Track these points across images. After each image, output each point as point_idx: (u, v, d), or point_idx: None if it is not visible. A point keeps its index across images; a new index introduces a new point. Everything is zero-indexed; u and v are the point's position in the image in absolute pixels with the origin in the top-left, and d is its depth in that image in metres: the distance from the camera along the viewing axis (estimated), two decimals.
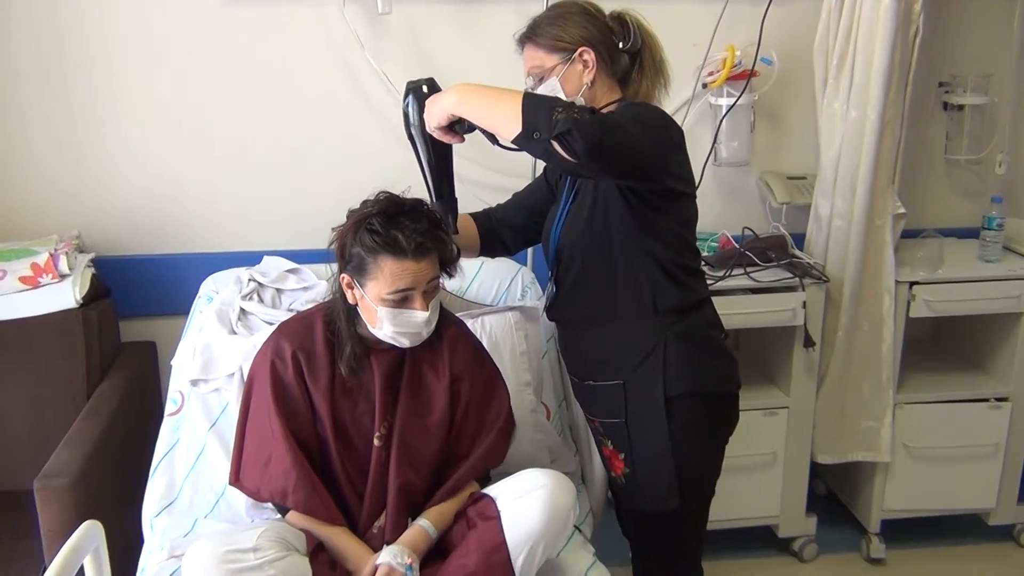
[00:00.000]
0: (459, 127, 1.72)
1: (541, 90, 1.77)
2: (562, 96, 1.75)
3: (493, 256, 2.14)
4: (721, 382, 1.85)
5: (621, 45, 1.79)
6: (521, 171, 2.56)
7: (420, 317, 1.71)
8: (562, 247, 1.84)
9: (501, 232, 2.04)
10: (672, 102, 2.50)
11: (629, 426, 1.80)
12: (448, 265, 1.79)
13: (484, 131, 1.69)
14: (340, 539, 1.74)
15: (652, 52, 1.83)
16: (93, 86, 2.46)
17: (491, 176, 2.60)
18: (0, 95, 2.44)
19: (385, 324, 1.71)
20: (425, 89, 1.77)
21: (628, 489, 1.86)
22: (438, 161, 1.81)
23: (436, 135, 1.74)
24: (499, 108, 1.61)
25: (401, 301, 1.69)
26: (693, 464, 1.82)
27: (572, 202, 1.84)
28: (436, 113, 1.70)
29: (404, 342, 1.75)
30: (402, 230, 1.67)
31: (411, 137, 1.81)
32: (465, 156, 2.57)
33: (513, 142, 1.59)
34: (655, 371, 1.76)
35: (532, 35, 1.81)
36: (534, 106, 1.56)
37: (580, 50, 1.75)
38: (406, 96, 1.78)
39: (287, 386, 1.78)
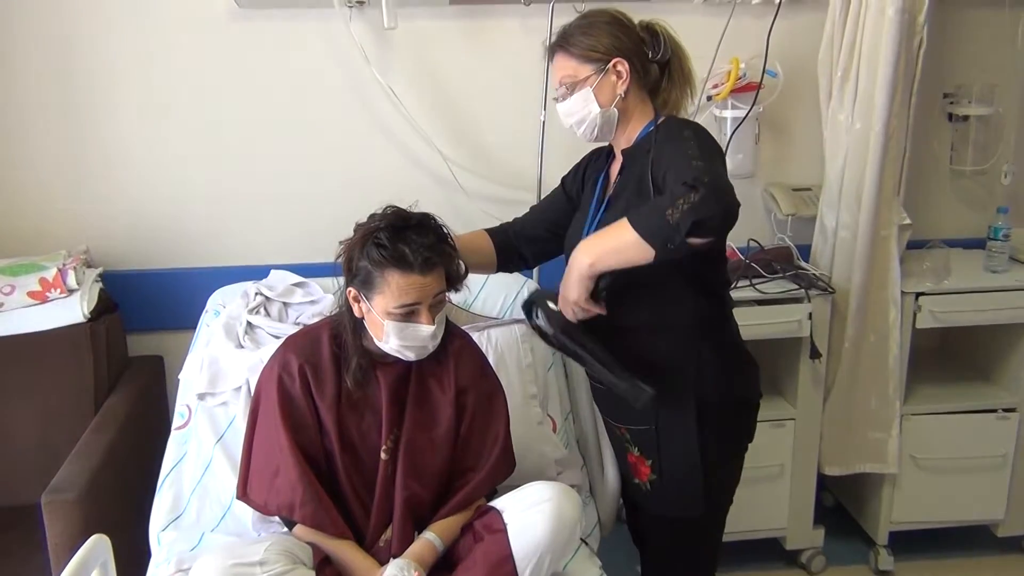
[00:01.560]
0: (598, 294, 1.68)
1: (573, 100, 1.78)
2: (595, 106, 1.76)
3: (511, 271, 2.14)
4: (749, 390, 1.88)
5: (651, 55, 1.80)
6: (527, 184, 2.57)
7: (426, 331, 1.71)
8: None
9: (520, 246, 2.02)
10: None
11: (659, 433, 1.81)
12: (455, 282, 1.79)
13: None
14: (347, 553, 1.74)
15: (681, 62, 1.84)
16: (100, 101, 2.48)
17: (496, 189, 2.62)
18: (9, 111, 2.46)
19: (391, 338, 1.71)
20: (538, 296, 1.77)
21: (653, 495, 1.87)
22: (598, 349, 1.75)
23: (582, 314, 1.69)
24: (624, 247, 1.58)
25: (407, 315, 1.69)
26: (720, 470, 1.85)
27: (604, 211, 1.84)
28: (578, 288, 1.65)
29: (410, 356, 1.75)
30: (409, 244, 1.67)
31: (559, 347, 1.78)
32: (467, 168, 2.60)
33: (657, 263, 1.56)
34: (688, 379, 1.78)
35: (564, 43, 1.79)
36: (647, 225, 1.54)
37: (614, 61, 1.75)
38: (531, 313, 1.76)
39: (294, 400, 1.78)
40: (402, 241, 1.67)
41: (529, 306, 1.79)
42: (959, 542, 2.79)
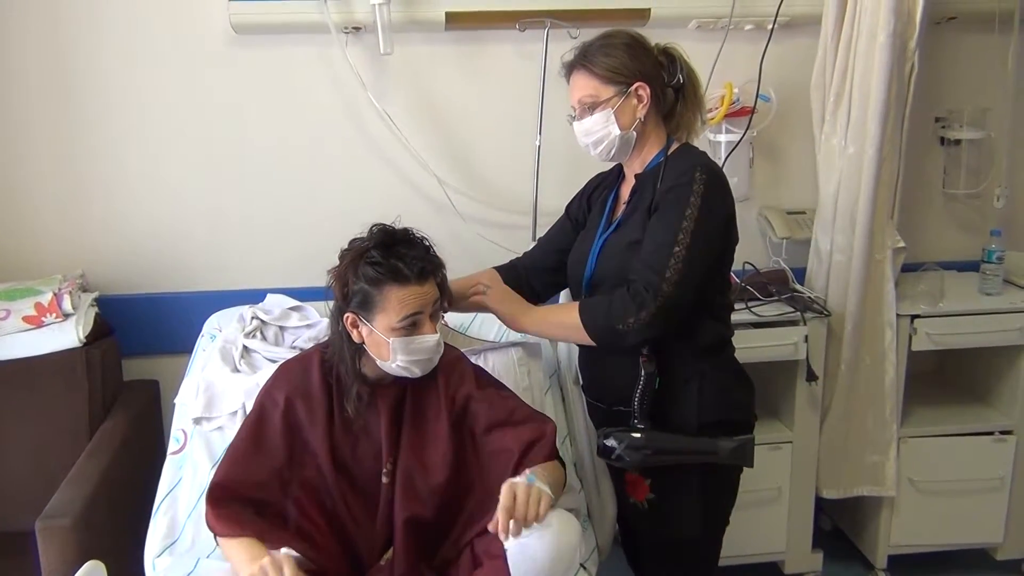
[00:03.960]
0: None
1: (592, 120, 1.79)
2: (615, 128, 1.77)
3: None
4: (747, 412, 1.89)
5: (668, 79, 1.81)
6: (522, 207, 2.58)
7: (431, 340, 1.71)
8: (600, 277, 1.84)
9: (530, 279, 2.03)
10: None
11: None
12: (445, 292, 1.78)
13: None
14: (240, 547, 1.66)
15: (695, 87, 1.86)
16: (97, 126, 2.49)
17: (491, 213, 2.62)
18: (5, 136, 2.47)
19: (398, 355, 1.70)
20: (613, 432, 1.81)
21: (650, 515, 1.87)
22: (676, 437, 1.80)
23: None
24: (569, 335, 1.85)
25: (411, 327, 1.69)
26: (717, 491, 1.85)
27: (613, 231, 1.85)
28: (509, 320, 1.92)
29: (416, 371, 1.74)
30: (401, 258, 1.68)
31: (648, 464, 1.80)
32: (463, 193, 2.61)
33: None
34: (690, 400, 1.79)
35: (586, 62, 1.79)
36: (596, 326, 1.75)
37: (636, 85, 1.77)
38: (610, 453, 1.80)
39: (265, 432, 1.76)
40: (394, 256, 1.68)
41: (610, 438, 1.80)
42: (958, 566, 2.78)
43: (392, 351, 1.70)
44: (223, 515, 1.69)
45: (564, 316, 1.82)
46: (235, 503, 1.71)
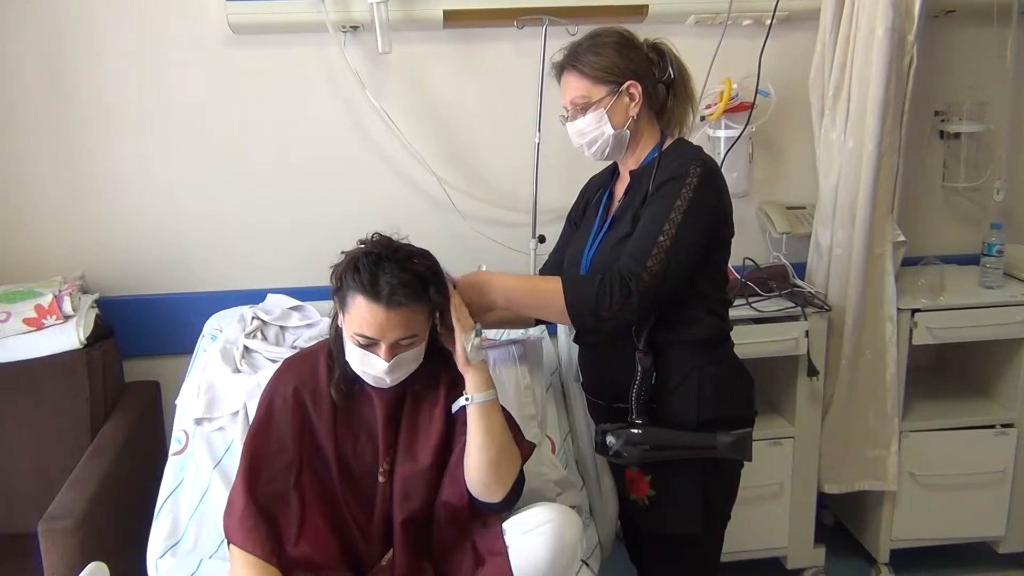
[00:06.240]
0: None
1: (585, 121, 1.79)
2: (608, 128, 1.77)
3: (548, 323, 2.13)
4: (747, 407, 1.88)
5: (658, 75, 1.81)
6: (522, 205, 2.57)
7: (379, 366, 1.66)
8: (595, 273, 1.83)
9: None
10: None
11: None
12: (446, 319, 1.75)
13: None
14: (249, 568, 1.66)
15: (685, 81, 1.86)
16: (96, 127, 2.49)
17: (492, 211, 2.62)
18: (4, 138, 2.46)
19: (354, 360, 1.70)
20: (610, 428, 1.82)
21: (651, 511, 1.87)
22: (672, 433, 1.81)
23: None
24: (546, 311, 1.82)
25: (366, 345, 1.66)
26: (718, 486, 1.85)
27: (609, 229, 1.84)
28: (470, 317, 1.76)
29: (369, 382, 1.73)
30: (383, 275, 1.62)
31: (647, 459, 1.81)
32: (463, 191, 2.60)
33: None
34: (689, 396, 1.79)
35: (575, 63, 1.79)
36: (579, 307, 1.72)
37: (627, 84, 1.77)
38: (608, 449, 1.81)
39: (273, 428, 1.76)
40: (379, 270, 1.63)
41: (605, 434, 1.81)
42: (961, 559, 2.78)
43: (349, 355, 1.70)
44: (244, 528, 1.68)
45: (548, 299, 1.75)
46: (254, 515, 1.69)
